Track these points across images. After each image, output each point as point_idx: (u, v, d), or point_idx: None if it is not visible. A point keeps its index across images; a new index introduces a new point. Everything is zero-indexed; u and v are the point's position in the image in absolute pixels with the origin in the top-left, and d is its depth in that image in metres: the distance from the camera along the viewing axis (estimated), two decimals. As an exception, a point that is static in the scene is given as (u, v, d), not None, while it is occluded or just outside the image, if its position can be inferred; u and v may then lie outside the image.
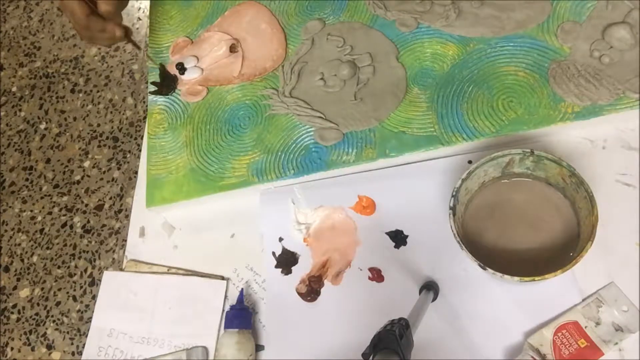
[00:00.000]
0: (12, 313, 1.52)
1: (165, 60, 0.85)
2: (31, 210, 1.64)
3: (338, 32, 0.79)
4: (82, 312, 1.48)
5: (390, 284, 0.64)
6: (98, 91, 1.79)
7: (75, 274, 1.53)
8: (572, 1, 0.71)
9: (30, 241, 1.60)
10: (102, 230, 1.57)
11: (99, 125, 1.73)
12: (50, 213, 1.63)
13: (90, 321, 0.71)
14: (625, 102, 0.64)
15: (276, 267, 0.68)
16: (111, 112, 1.75)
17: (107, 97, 1.78)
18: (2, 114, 1.82)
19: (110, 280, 0.73)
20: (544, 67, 0.68)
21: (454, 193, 0.58)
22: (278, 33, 0.82)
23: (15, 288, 1.55)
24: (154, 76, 0.84)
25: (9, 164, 1.74)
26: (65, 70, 1.86)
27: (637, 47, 0.66)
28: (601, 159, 0.64)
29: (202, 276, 0.70)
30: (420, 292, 0.61)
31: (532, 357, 0.56)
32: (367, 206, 0.68)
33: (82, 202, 1.62)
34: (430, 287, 0.61)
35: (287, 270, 0.68)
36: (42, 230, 1.61)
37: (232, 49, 0.82)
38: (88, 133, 1.73)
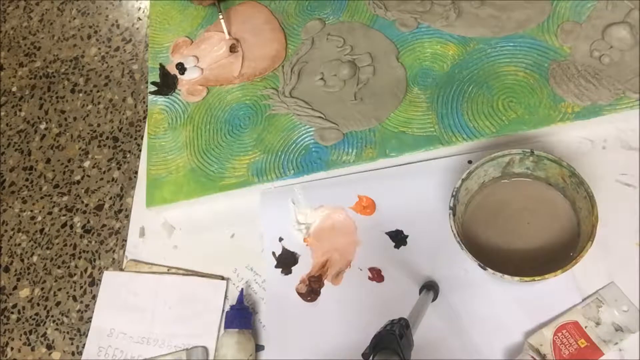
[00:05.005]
0: (12, 313, 1.52)
1: (165, 60, 0.85)
2: (31, 210, 1.64)
3: (338, 32, 0.79)
4: (82, 312, 1.48)
5: (390, 284, 0.64)
6: (98, 91, 1.79)
7: (75, 274, 1.53)
8: (572, 1, 0.71)
9: (30, 241, 1.60)
10: (102, 230, 1.57)
11: (99, 125, 1.73)
12: (50, 213, 1.63)
13: (90, 321, 0.71)
14: (625, 102, 0.64)
15: (276, 267, 0.68)
16: (111, 112, 1.75)
17: (107, 97, 1.78)
18: (2, 114, 1.82)
19: (110, 280, 0.73)
20: (544, 67, 0.68)
21: (454, 193, 0.58)
22: (278, 33, 0.82)
23: (15, 288, 1.55)
24: (154, 76, 0.84)
25: (9, 164, 1.73)
26: (65, 70, 1.86)
27: (637, 47, 0.66)
28: (601, 159, 0.64)
29: (202, 276, 0.70)
30: (420, 292, 0.61)
31: (532, 357, 0.56)
32: (367, 206, 0.68)
33: (82, 202, 1.62)
34: (430, 287, 0.61)
35: (287, 270, 0.68)
36: (42, 230, 1.61)
37: (232, 49, 0.82)
38: (88, 133, 1.73)
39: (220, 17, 0.81)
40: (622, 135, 0.65)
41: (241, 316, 0.64)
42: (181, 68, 0.82)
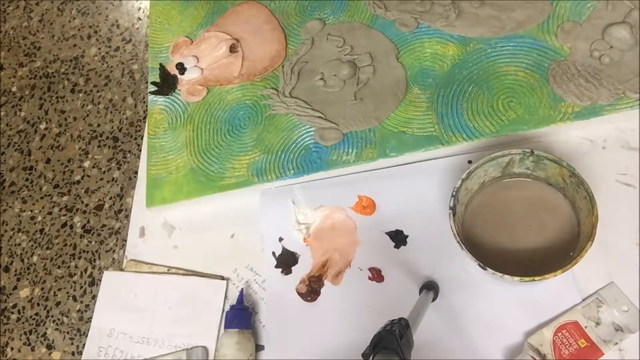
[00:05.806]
0: (12, 313, 1.52)
1: (165, 60, 0.85)
2: (31, 210, 1.64)
3: (338, 32, 0.79)
4: (82, 312, 1.48)
5: (390, 284, 0.64)
6: (98, 91, 1.79)
7: (75, 274, 1.53)
8: (572, 1, 0.71)
9: (30, 241, 1.60)
10: (102, 230, 1.57)
11: (99, 125, 1.73)
12: (50, 213, 1.63)
13: (90, 321, 0.71)
14: (625, 102, 0.64)
15: (276, 267, 0.68)
16: (111, 112, 1.75)
17: (107, 97, 1.78)
18: (2, 114, 1.82)
19: (110, 280, 0.73)
20: (544, 67, 0.68)
21: (454, 193, 0.58)
22: (278, 33, 0.82)
23: (15, 288, 1.55)
24: (154, 76, 0.84)
25: (9, 164, 1.73)
26: (65, 70, 1.86)
27: (637, 47, 0.66)
28: (601, 159, 0.64)
29: (202, 276, 0.70)
30: (420, 292, 0.61)
31: (532, 357, 0.56)
32: (367, 206, 0.68)
33: (82, 202, 1.62)
34: (430, 287, 0.61)
35: (287, 270, 0.68)
36: (42, 230, 1.61)
37: (232, 49, 0.82)
38: (88, 133, 1.73)
39: None
40: (622, 135, 0.65)
41: (241, 316, 0.64)
42: (181, 68, 0.82)
